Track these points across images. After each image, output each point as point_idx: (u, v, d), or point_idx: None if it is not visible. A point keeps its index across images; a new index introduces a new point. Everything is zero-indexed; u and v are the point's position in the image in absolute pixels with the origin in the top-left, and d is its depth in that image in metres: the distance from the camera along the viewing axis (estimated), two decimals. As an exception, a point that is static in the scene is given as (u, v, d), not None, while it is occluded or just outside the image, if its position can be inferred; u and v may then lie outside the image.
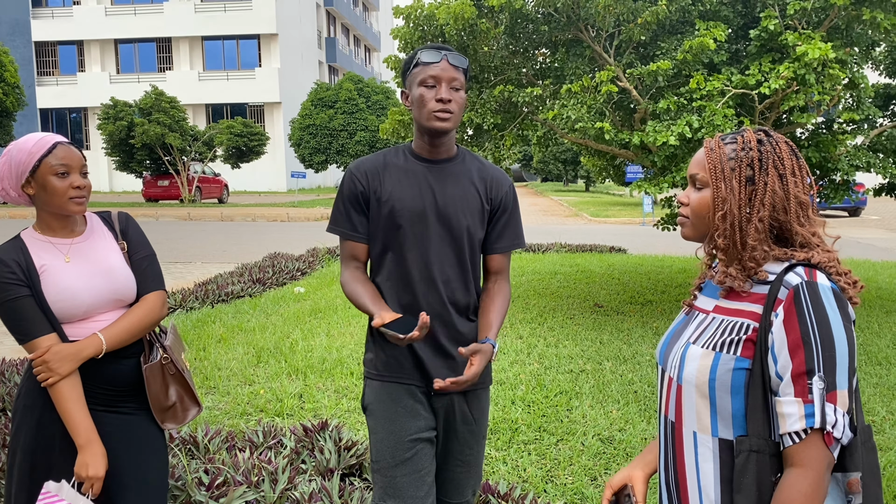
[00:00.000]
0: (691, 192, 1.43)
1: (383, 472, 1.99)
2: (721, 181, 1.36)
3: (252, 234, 16.40)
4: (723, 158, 1.37)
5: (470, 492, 2.16)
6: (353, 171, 2.07)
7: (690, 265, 10.49)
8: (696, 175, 1.41)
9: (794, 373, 1.24)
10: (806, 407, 1.22)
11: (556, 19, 6.29)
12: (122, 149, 25.31)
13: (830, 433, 1.22)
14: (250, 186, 36.11)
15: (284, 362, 5.41)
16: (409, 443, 1.99)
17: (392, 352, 2.05)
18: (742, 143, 1.37)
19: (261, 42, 35.80)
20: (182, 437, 3.71)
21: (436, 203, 2.02)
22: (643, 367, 5.30)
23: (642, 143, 5.80)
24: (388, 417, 2.01)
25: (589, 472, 3.58)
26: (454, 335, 2.06)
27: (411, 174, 2.05)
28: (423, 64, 1.99)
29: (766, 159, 1.35)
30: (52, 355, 1.92)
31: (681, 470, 1.40)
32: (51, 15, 36.06)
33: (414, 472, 1.98)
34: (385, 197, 2.02)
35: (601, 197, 32.80)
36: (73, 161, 1.99)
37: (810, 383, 1.22)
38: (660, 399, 1.48)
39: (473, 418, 2.10)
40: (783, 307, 1.27)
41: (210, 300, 7.77)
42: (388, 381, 2.04)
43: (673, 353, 1.44)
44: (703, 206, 1.40)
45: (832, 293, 1.27)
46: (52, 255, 2.01)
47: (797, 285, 1.27)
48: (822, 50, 5.11)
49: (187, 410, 2.22)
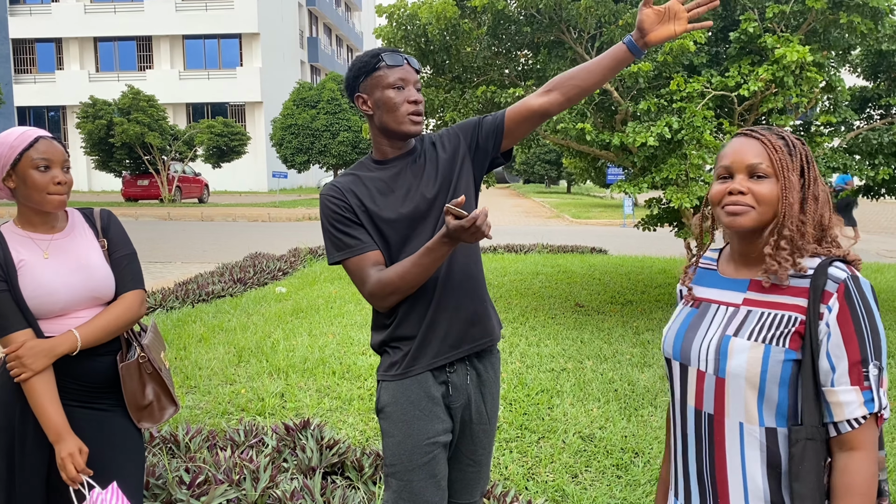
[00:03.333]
0: (751, 183, 1.41)
1: (399, 475, 1.95)
2: (785, 173, 1.39)
3: (233, 234, 16.30)
4: (784, 151, 1.41)
5: (479, 492, 2.13)
6: (329, 194, 1.98)
7: (670, 266, 10.57)
8: (759, 164, 1.40)
9: (850, 362, 1.31)
10: (864, 394, 1.30)
11: (539, 21, 6.32)
12: (101, 148, 25.05)
13: (882, 415, 1.32)
14: (231, 186, 35.88)
15: (266, 362, 5.39)
16: (426, 447, 1.94)
17: (408, 348, 1.98)
18: (789, 140, 1.42)
19: (242, 41, 35.59)
20: (162, 436, 3.69)
21: (423, 195, 1.98)
22: (623, 366, 5.34)
23: (622, 143, 5.85)
24: (404, 420, 1.95)
25: (570, 469, 3.61)
26: (476, 306, 2.02)
27: (389, 181, 2.00)
28: (388, 66, 1.95)
29: (811, 158, 1.43)
30: (25, 351, 1.91)
31: (720, 461, 1.42)
32: (29, 12, 35.60)
33: (430, 476, 1.94)
34: (374, 211, 1.96)
35: (582, 199, 32.97)
36: (55, 155, 1.97)
37: (866, 371, 1.31)
38: (681, 394, 1.49)
39: (488, 416, 2.08)
40: (836, 300, 1.32)
41: (190, 300, 7.72)
42: (404, 378, 1.97)
43: (700, 347, 1.44)
44: (772, 196, 1.40)
45: (870, 287, 1.36)
46: (30, 251, 2.00)
47: (845, 279, 1.33)
48: (800, 53, 5.18)
49: (164, 409, 2.21)
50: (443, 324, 1.97)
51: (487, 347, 2.07)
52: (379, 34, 6.53)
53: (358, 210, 1.96)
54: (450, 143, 2.07)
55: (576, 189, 41.49)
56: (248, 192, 35.14)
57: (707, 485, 1.45)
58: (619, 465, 3.66)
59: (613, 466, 3.65)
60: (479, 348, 2.03)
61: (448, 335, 1.98)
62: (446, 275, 1.98)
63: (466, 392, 2.02)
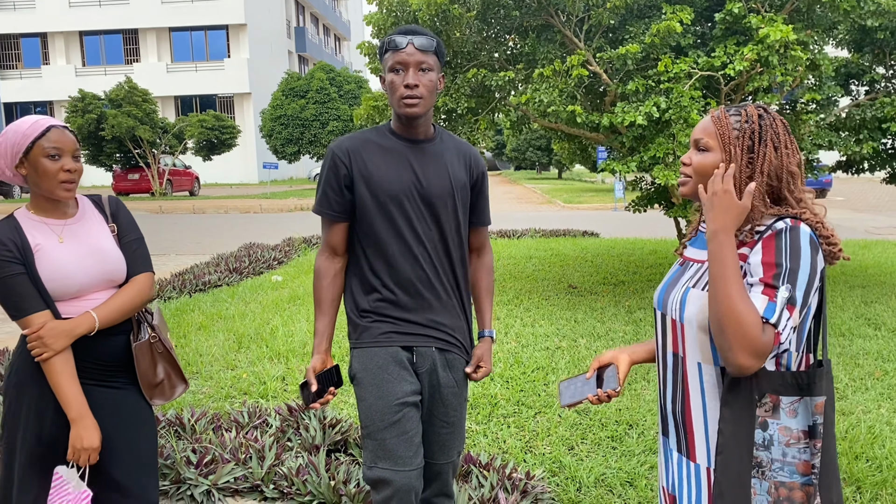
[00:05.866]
0: (694, 155, 1.58)
1: (373, 435, 2.08)
2: (728, 146, 1.52)
3: (225, 225, 16.32)
4: (729, 126, 1.52)
5: (455, 452, 2.26)
6: (334, 150, 2.12)
7: (661, 247, 10.69)
8: (701, 139, 1.56)
9: (763, 280, 1.42)
10: (770, 304, 1.40)
11: (527, 5, 6.38)
12: (90, 142, 24.92)
13: (780, 334, 1.40)
14: (222, 178, 35.77)
15: (266, 347, 5.47)
16: (396, 406, 2.07)
17: (381, 321, 2.14)
18: (746, 116, 1.53)
19: (229, 32, 35.38)
20: (168, 419, 3.77)
21: (418, 181, 2.09)
22: (616, 343, 5.45)
23: (612, 124, 5.93)
24: (375, 384, 2.09)
25: (566, 441, 3.71)
26: (441, 307, 2.16)
27: (394, 153, 2.11)
28: (391, 49, 2.04)
29: (766, 132, 1.52)
30: (46, 331, 1.98)
31: (687, 398, 1.58)
32: (12, 6, 35.26)
33: (402, 433, 2.07)
34: (368, 175, 2.08)
35: (574, 184, 33.05)
36: (66, 144, 2.04)
37: (776, 289, 1.41)
38: (661, 339, 1.65)
39: (455, 381, 2.20)
40: (762, 240, 1.46)
41: (188, 290, 7.78)
42: (373, 347, 2.13)
43: (672, 298, 1.60)
44: (705, 167, 1.55)
45: (809, 237, 1.45)
46: (45, 236, 2.06)
47: (781, 229, 1.45)
48: (784, 32, 5.27)
49: (175, 387, 2.30)
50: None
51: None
52: (369, 21, 6.56)
53: (355, 175, 2.10)
54: (474, 173, 2.24)
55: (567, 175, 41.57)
56: (239, 184, 35.06)
57: (679, 422, 1.60)
58: (613, 436, 3.77)
59: (608, 438, 3.75)
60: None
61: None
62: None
63: (431, 357, 2.16)
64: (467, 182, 2.19)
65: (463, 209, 2.18)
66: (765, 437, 1.45)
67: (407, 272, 2.11)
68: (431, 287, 2.14)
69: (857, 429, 3.79)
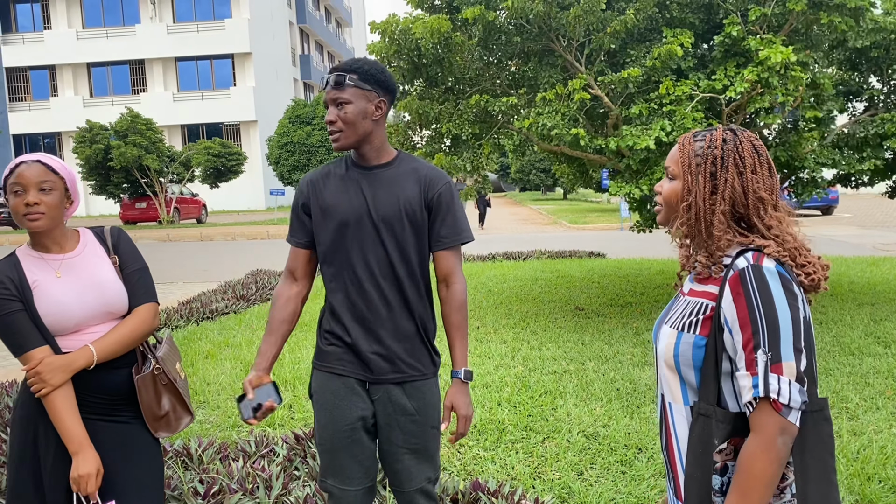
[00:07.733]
0: (665, 183, 1.57)
1: (325, 452, 2.21)
2: (688, 174, 1.49)
3: (233, 252, 16.39)
4: (691, 154, 1.49)
5: (424, 479, 2.22)
6: (300, 182, 2.28)
7: (668, 267, 10.67)
8: (669, 167, 1.55)
9: (743, 347, 1.37)
10: (753, 379, 1.34)
11: (528, 30, 6.45)
12: (98, 172, 25.18)
13: (777, 400, 1.32)
14: (229, 206, 35.99)
15: (272, 375, 5.46)
16: (347, 430, 2.17)
17: (335, 346, 2.21)
18: (709, 142, 1.48)
19: (235, 61, 35.81)
20: (175, 449, 3.77)
21: (368, 207, 2.14)
22: (625, 366, 5.42)
23: (618, 147, 5.96)
24: (327, 407, 2.20)
25: (575, 467, 3.68)
26: (395, 332, 2.17)
27: (348, 181, 2.19)
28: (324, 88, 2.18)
29: (728, 157, 1.45)
30: (44, 367, 1.99)
31: (668, 437, 1.55)
32: (21, 40, 35.82)
33: (351, 456, 2.18)
34: (323, 204, 2.19)
35: (579, 204, 33.09)
36: (28, 179, 2.01)
37: (756, 357, 1.34)
38: (657, 375, 1.63)
39: (414, 409, 2.18)
40: (729, 285, 1.40)
41: (195, 318, 7.80)
42: (328, 372, 2.22)
43: (657, 333, 1.59)
44: (672, 196, 1.54)
45: (777, 274, 1.38)
46: (43, 272, 2.08)
47: (744, 268, 1.39)
48: (784, 53, 5.31)
49: (180, 419, 2.30)
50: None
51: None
52: (372, 50, 6.64)
53: (313, 205, 2.21)
54: (429, 196, 2.19)
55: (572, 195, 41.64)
56: (246, 211, 35.25)
57: (665, 459, 1.57)
58: (623, 461, 3.74)
59: (618, 462, 3.73)
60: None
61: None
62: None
63: (384, 387, 2.18)
64: (420, 202, 2.17)
65: (417, 231, 2.18)
66: (723, 481, 1.40)
67: (355, 297, 2.16)
68: (384, 308, 2.15)
69: (870, 449, 3.75)
